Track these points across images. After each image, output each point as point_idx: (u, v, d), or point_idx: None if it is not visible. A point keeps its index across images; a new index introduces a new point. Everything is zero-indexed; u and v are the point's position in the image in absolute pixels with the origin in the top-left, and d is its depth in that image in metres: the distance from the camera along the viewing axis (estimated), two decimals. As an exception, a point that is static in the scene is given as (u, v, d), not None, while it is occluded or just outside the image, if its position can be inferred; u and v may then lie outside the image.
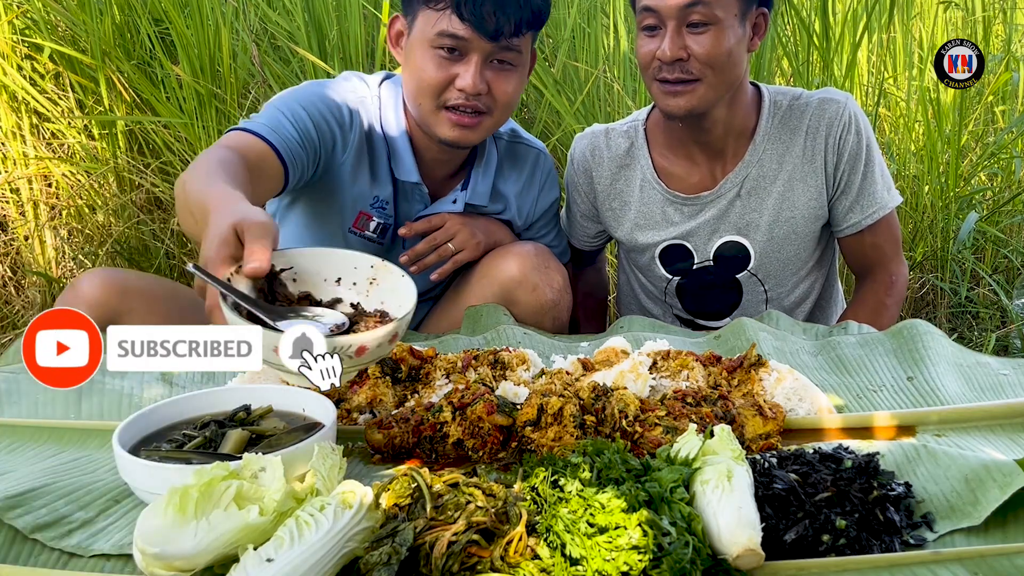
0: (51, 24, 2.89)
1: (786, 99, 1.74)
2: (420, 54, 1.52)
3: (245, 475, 0.86)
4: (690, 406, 1.14)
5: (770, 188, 1.74)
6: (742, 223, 1.77)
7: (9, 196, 2.87)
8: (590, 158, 1.86)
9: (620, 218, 1.85)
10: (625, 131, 1.85)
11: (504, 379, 1.27)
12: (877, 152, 1.75)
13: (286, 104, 1.53)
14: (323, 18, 2.75)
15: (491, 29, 1.45)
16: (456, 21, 1.45)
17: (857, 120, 1.71)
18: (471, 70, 1.49)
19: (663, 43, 1.56)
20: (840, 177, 1.73)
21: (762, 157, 1.73)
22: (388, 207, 1.67)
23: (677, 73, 1.58)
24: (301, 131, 1.50)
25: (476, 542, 0.78)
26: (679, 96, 1.60)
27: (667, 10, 1.54)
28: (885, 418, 1.14)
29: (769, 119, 1.73)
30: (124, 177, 2.90)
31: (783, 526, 0.85)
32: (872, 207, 1.73)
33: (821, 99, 1.72)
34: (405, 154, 1.63)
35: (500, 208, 1.76)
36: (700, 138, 1.73)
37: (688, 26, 1.55)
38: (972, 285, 2.94)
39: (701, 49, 1.55)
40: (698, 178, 1.78)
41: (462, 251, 1.67)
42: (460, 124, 1.54)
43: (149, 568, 0.77)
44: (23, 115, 2.82)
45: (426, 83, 1.52)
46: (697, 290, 1.86)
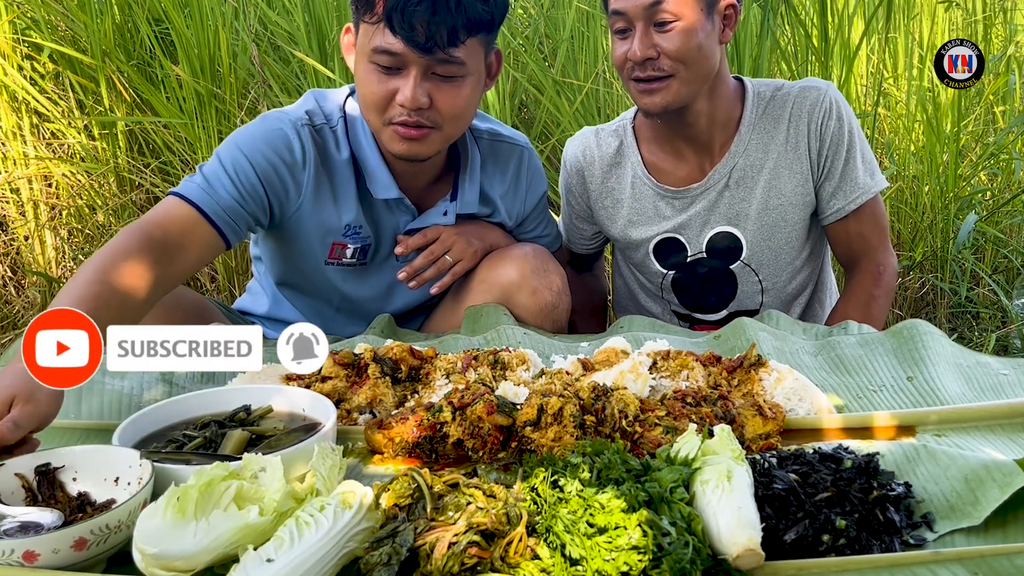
0: (51, 24, 2.89)
1: (769, 89, 1.77)
2: (362, 68, 1.47)
3: (245, 475, 0.86)
4: (690, 406, 1.14)
5: (757, 177, 1.77)
6: (732, 213, 1.80)
7: (9, 196, 2.88)
8: (582, 159, 1.89)
9: (613, 216, 1.88)
10: (614, 130, 1.88)
11: (504, 379, 1.27)
12: (860, 137, 1.77)
13: (231, 155, 1.48)
14: (324, 18, 2.75)
15: (422, 41, 1.38)
16: (389, 35, 1.39)
17: (838, 105, 1.74)
18: (409, 84, 1.42)
19: (633, 44, 1.60)
20: (823, 163, 1.75)
21: (748, 147, 1.76)
22: (363, 228, 1.62)
23: (649, 71, 1.61)
24: (243, 186, 1.47)
25: (476, 543, 0.78)
26: (654, 94, 1.64)
27: (634, 11, 1.58)
28: (885, 418, 1.14)
29: (753, 109, 1.76)
30: (124, 177, 2.90)
31: (783, 526, 0.85)
32: (855, 192, 1.74)
33: (802, 87, 1.75)
34: (379, 171, 1.57)
35: (489, 212, 1.74)
36: (685, 132, 1.76)
37: (655, 25, 1.59)
38: (972, 285, 2.94)
39: (670, 46, 1.59)
40: (686, 171, 1.81)
41: (460, 261, 1.66)
42: (407, 137, 1.47)
43: (149, 568, 0.77)
44: (23, 115, 2.82)
45: (369, 99, 1.47)
46: (692, 283, 1.87)
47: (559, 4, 3.08)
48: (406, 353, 1.32)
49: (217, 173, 1.46)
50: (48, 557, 0.80)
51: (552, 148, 2.92)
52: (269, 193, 1.51)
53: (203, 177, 1.46)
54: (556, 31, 3.09)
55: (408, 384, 1.30)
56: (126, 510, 0.84)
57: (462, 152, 1.68)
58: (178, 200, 1.44)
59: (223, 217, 1.45)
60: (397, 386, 1.28)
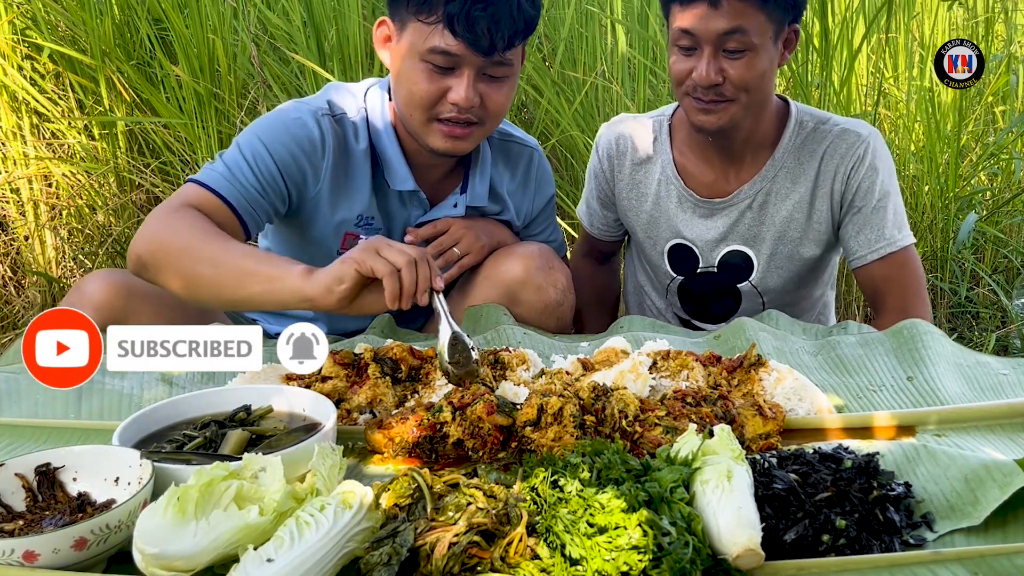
0: (51, 24, 2.89)
1: (812, 120, 1.75)
2: (410, 66, 1.47)
3: (245, 475, 0.86)
4: (690, 406, 1.14)
5: (780, 206, 1.76)
6: (750, 235, 1.79)
7: (9, 196, 2.87)
8: (615, 148, 1.88)
9: (637, 210, 1.88)
10: (651, 124, 1.86)
11: (504, 379, 1.27)
12: (894, 190, 1.73)
13: (251, 144, 1.50)
14: (322, 19, 2.75)
15: (485, 45, 1.41)
16: (449, 37, 1.40)
17: (874, 155, 1.70)
18: (464, 84, 1.44)
19: (700, 66, 1.57)
20: (848, 208, 1.73)
21: (779, 173, 1.75)
22: (375, 220, 1.64)
23: (712, 95, 1.60)
24: (263, 175, 1.48)
25: (477, 543, 0.78)
26: (711, 114, 1.62)
27: (705, 35, 1.55)
28: (885, 418, 1.14)
29: (792, 137, 1.74)
30: (124, 177, 2.90)
31: (783, 526, 0.85)
32: (879, 242, 1.71)
33: (844, 129, 1.72)
34: (398, 164, 1.60)
35: (498, 209, 1.75)
36: (721, 143, 1.74)
37: (725, 51, 1.56)
38: (972, 285, 2.94)
39: (737, 74, 1.57)
40: (713, 178, 1.79)
41: (467, 255, 1.67)
42: (452, 136, 1.51)
43: (149, 568, 0.77)
44: (23, 115, 2.82)
45: (418, 97, 1.48)
46: (698, 293, 1.88)
47: (558, 4, 3.08)
48: (406, 353, 1.32)
49: (239, 163, 1.48)
50: (48, 557, 0.80)
51: (552, 148, 2.92)
52: (288, 182, 1.52)
53: (225, 167, 1.48)
54: (554, 32, 3.08)
55: (408, 384, 1.30)
56: (126, 510, 0.84)
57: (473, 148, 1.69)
58: (202, 188, 1.45)
59: (247, 208, 1.47)
60: (397, 386, 1.28)
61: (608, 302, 2.16)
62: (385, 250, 1.20)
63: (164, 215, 1.42)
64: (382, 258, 1.19)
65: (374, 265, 1.19)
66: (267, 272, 1.29)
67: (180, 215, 1.40)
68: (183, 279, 1.35)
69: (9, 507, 0.92)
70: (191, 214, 1.40)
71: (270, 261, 1.33)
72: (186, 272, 1.34)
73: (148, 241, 1.39)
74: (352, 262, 1.21)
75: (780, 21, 1.58)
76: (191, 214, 1.40)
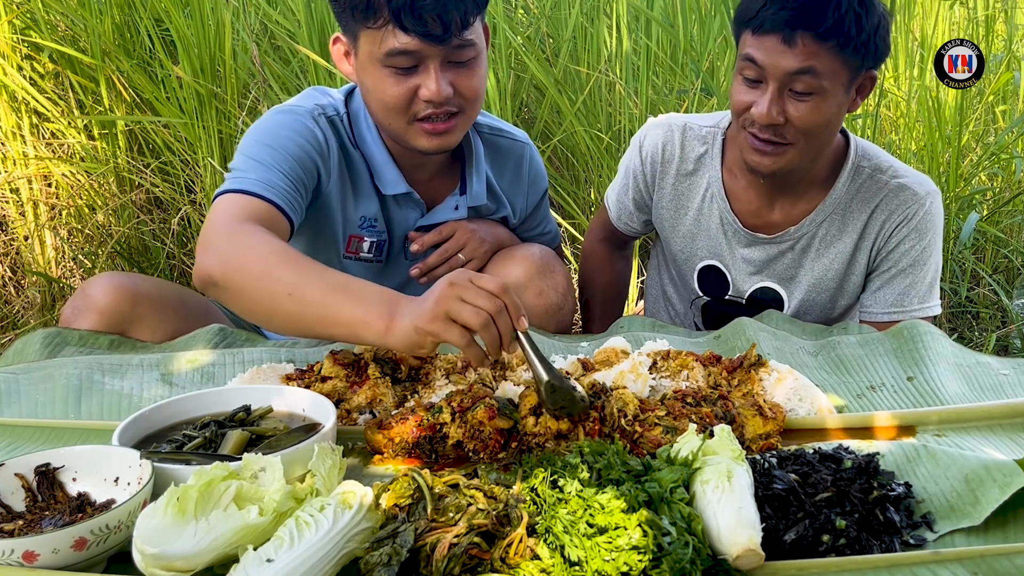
0: (51, 24, 2.89)
1: (869, 167, 1.66)
2: (374, 74, 1.42)
3: (245, 475, 0.86)
4: (690, 406, 1.14)
5: (823, 252, 1.71)
6: (786, 275, 1.74)
7: (9, 196, 2.87)
8: (660, 154, 1.78)
9: (674, 222, 1.81)
10: (703, 135, 1.76)
11: (504, 379, 1.27)
12: (933, 260, 1.68)
13: (264, 151, 1.43)
14: (325, 17, 2.74)
15: (439, 33, 1.35)
16: (402, 35, 1.35)
17: (924, 219, 1.64)
18: (432, 78, 1.40)
19: (761, 103, 1.48)
20: (878, 263, 1.69)
21: (828, 219, 1.68)
22: (378, 223, 1.62)
23: (769, 135, 1.51)
24: (292, 178, 1.43)
25: (477, 544, 0.78)
26: (766, 156, 1.54)
27: (774, 71, 1.45)
28: (885, 418, 1.14)
29: (848, 182, 1.66)
30: (124, 177, 2.90)
31: (783, 526, 0.85)
32: (893, 306, 1.68)
33: (901, 184, 1.65)
34: (386, 168, 1.57)
35: (495, 207, 1.74)
36: (772, 179, 1.66)
37: (792, 91, 1.47)
38: (972, 285, 2.94)
39: (801, 117, 1.48)
40: (759, 205, 1.72)
41: (472, 260, 1.65)
42: (436, 132, 1.47)
43: (149, 568, 0.77)
44: (23, 115, 2.82)
45: (390, 103, 1.43)
46: (719, 316, 1.82)
47: (561, 4, 3.07)
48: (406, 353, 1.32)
49: (266, 175, 1.40)
50: (48, 557, 0.80)
51: (553, 148, 2.92)
52: (308, 180, 1.48)
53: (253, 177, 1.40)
54: (558, 31, 3.08)
55: (408, 384, 1.30)
56: (126, 510, 0.84)
57: (466, 144, 1.67)
58: (249, 197, 1.37)
59: (291, 207, 1.41)
60: (397, 386, 1.28)
61: (620, 290, 2.09)
62: (470, 294, 1.07)
63: (229, 232, 1.30)
64: (468, 305, 1.06)
65: (462, 317, 1.07)
66: (348, 317, 1.17)
67: (247, 232, 1.29)
68: (262, 310, 1.25)
69: (9, 507, 0.92)
70: (259, 231, 1.29)
71: (348, 294, 1.18)
72: (264, 302, 1.24)
73: (221, 262, 1.26)
74: (436, 320, 1.08)
75: (856, 67, 1.48)
76: (259, 231, 1.29)
